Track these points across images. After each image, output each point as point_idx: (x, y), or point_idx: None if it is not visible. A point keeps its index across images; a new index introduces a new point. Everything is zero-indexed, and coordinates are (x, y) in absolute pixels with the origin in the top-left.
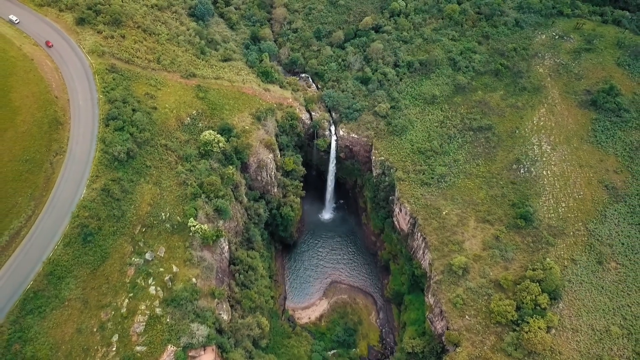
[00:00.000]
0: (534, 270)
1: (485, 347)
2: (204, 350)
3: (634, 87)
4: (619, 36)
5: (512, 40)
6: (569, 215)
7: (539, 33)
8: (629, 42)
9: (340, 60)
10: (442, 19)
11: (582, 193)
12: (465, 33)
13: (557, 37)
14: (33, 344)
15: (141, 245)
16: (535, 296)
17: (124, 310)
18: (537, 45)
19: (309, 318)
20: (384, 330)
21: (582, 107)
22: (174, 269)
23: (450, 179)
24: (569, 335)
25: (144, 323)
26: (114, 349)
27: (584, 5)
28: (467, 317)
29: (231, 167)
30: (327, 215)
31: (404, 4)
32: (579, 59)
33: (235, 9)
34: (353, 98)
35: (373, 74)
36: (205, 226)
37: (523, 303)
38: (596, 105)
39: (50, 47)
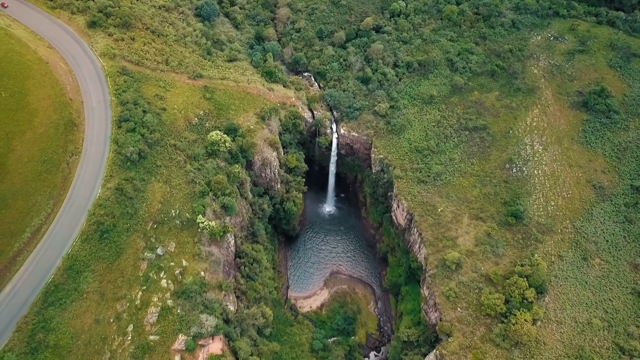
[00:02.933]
0: (522, 266)
1: (475, 338)
2: (212, 339)
3: (624, 88)
4: (612, 37)
5: (509, 42)
6: (558, 213)
7: (535, 34)
8: (622, 44)
9: (341, 60)
10: (441, 19)
11: (570, 192)
12: (463, 34)
13: (552, 38)
14: (55, 333)
15: (153, 241)
16: (523, 290)
17: (138, 302)
18: (532, 47)
19: (311, 307)
20: (381, 319)
21: (574, 108)
22: (184, 263)
23: (445, 177)
24: (553, 327)
25: (157, 314)
26: (129, 338)
27: (579, 5)
28: (459, 309)
29: (237, 165)
30: (328, 208)
31: (404, 4)
32: (572, 60)
33: (240, 8)
34: (354, 97)
35: (373, 74)
36: (212, 223)
37: (511, 297)
38: (587, 107)
39: (5, 7)
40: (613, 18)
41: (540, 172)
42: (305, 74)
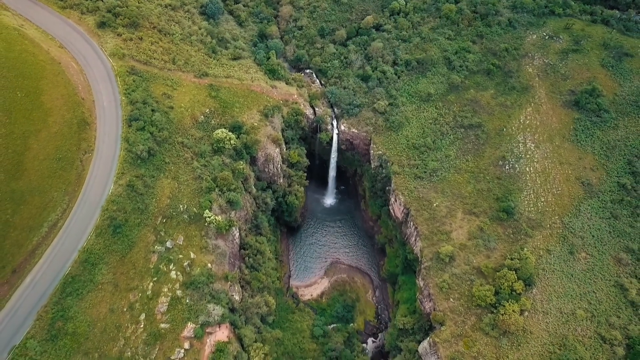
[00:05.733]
0: (511, 259)
1: (466, 327)
2: (219, 327)
3: (615, 88)
4: (605, 36)
5: (505, 40)
6: (547, 209)
7: (531, 33)
8: (615, 43)
9: (342, 58)
10: (440, 17)
11: (560, 189)
12: (460, 32)
13: (547, 37)
14: (73, 321)
15: (162, 234)
16: (512, 283)
17: (149, 292)
18: (528, 46)
19: (311, 295)
20: (379, 307)
21: (566, 107)
22: (192, 255)
23: (441, 174)
24: (539, 317)
25: (167, 304)
26: (141, 326)
27: (575, 4)
28: (451, 299)
29: (241, 161)
30: (329, 200)
31: (404, 2)
32: (566, 60)
33: (244, 6)
34: (354, 95)
35: (373, 72)
36: (219, 217)
37: (501, 288)
38: (579, 106)
39: None
40: (608, 17)
41: (531, 169)
42: (307, 71)
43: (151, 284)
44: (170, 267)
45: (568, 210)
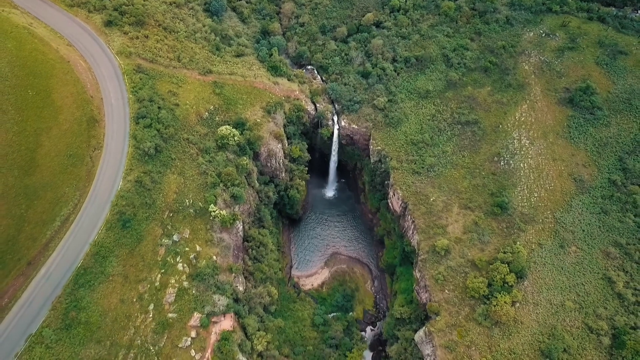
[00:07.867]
0: (504, 253)
1: (460, 317)
2: (224, 316)
3: (609, 85)
4: (601, 34)
5: (502, 38)
6: (540, 204)
7: (528, 30)
8: (610, 41)
9: (343, 54)
10: (439, 15)
11: (553, 184)
12: (459, 30)
13: (544, 34)
14: (86, 311)
15: (169, 228)
16: (504, 275)
17: (157, 283)
18: (524, 43)
19: (312, 285)
20: (378, 296)
21: (561, 104)
22: (198, 248)
23: (438, 169)
24: (530, 308)
25: (174, 294)
26: (150, 315)
27: (572, 1)
28: (446, 291)
29: (245, 157)
30: (329, 193)
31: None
32: (561, 57)
33: (247, 2)
34: (354, 91)
35: (373, 68)
36: (223, 211)
37: (494, 281)
38: (573, 103)
39: None
40: (604, 14)
41: (525, 165)
42: (309, 67)
43: (159, 275)
44: (177, 259)
45: (560, 205)
